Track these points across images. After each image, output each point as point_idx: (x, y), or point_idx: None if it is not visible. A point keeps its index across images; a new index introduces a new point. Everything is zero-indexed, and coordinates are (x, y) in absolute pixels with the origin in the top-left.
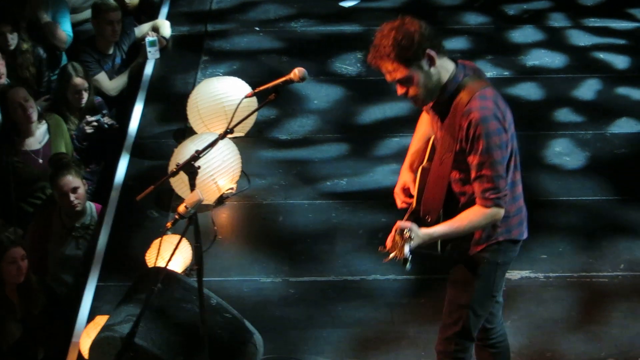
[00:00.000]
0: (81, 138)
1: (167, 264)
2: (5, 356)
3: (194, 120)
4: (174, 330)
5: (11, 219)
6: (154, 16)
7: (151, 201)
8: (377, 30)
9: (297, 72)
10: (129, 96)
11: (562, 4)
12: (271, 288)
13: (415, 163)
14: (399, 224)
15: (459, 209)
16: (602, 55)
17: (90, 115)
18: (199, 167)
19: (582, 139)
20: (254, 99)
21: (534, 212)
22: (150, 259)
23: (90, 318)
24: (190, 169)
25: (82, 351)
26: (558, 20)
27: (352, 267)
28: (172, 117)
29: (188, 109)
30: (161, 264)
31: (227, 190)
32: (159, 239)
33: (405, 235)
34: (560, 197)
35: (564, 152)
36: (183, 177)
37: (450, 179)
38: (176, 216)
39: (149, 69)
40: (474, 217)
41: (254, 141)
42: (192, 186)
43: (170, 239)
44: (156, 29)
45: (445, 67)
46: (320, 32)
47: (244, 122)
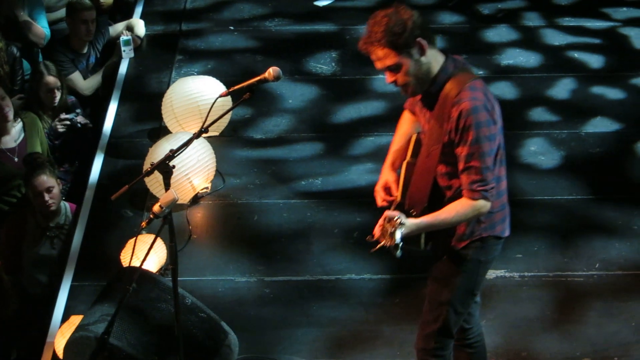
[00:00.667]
0: (53, 136)
1: (141, 264)
2: None
3: (168, 119)
4: (148, 330)
5: None
6: (129, 15)
7: (126, 200)
8: (370, 17)
9: (272, 71)
10: (103, 95)
11: (537, 3)
12: (246, 287)
13: (397, 161)
14: (387, 213)
15: (444, 203)
16: (576, 55)
17: (64, 113)
18: (173, 167)
19: (557, 139)
20: (228, 98)
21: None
22: (125, 258)
23: (65, 318)
24: (165, 168)
25: (56, 351)
26: (532, 20)
27: (327, 266)
28: (146, 116)
29: (163, 108)
30: (136, 263)
31: (202, 189)
32: (134, 238)
33: (396, 222)
34: (535, 196)
35: (539, 152)
36: (158, 176)
37: (436, 172)
38: (151, 215)
39: (123, 68)
40: (460, 208)
41: (228, 140)
42: (167, 185)
43: (145, 239)
44: (130, 28)
45: (436, 58)
46: (294, 32)
47: (219, 121)
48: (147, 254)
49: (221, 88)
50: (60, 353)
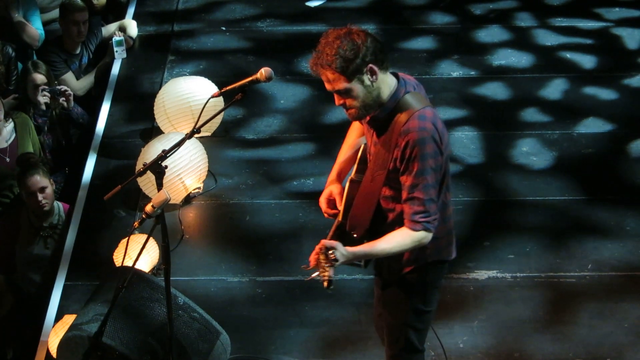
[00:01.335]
0: (38, 114)
1: (134, 263)
2: None
3: (160, 119)
4: (141, 330)
5: None
6: (121, 16)
7: (118, 200)
8: (322, 34)
9: (264, 71)
10: (96, 96)
11: (529, 3)
12: (238, 287)
13: (343, 173)
14: (323, 243)
15: (386, 225)
16: (568, 55)
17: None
18: (166, 167)
19: (549, 139)
20: (220, 98)
21: (502, 212)
22: (118, 258)
23: (59, 317)
24: (158, 168)
25: (50, 350)
26: (524, 20)
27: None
28: (139, 116)
29: (155, 108)
30: (128, 263)
31: (194, 189)
32: (126, 238)
33: (330, 257)
34: (527, 197)
35: (531, 152)
36: (150, 176)
37: (380, 195)
38: (143, 215)
39: (115, 68)
40: (400, 239)
41: (220, 141)
42: (159, 185)
43: (138, 239)
44: (123, 29)
45: (387, 83)
46: (286, 32)
47: (211, 121)
48: (139, 253)
49: (213, 88)
50: (53, 352)
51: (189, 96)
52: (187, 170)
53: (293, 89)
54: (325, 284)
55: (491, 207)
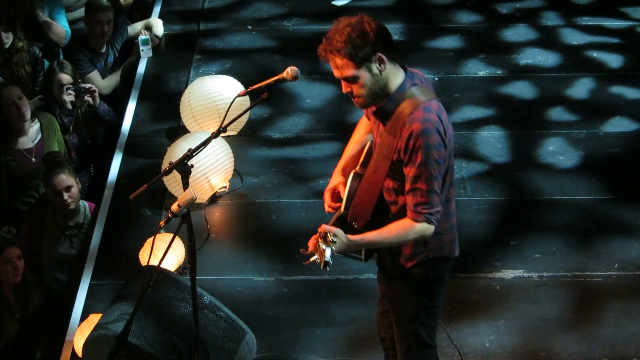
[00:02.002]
0: (64, 113)
1: (160, 263)
2: (1, 354)
3: (186, 118)
4: (167, 329)
5: (5, 217)
6: (147, 15)
7: (144, 200)
8: (333, 22)
9: (290, 70)
10: (121, 95)
11: (555, 2)
12: (264, 287)
13: (349, 168)
14: (323, 227)
15: (388, 218)
16: (595, 54)
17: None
18: (192, 166)
19: (576, 138)
20: (246, 97)
21: (528, 212)
22: (144, 257)
23: (84, 316)
24: (183, 167)
25: (75, 349)
26: (551, 19)
27: (345, 265)
28: (164, 115)
29: (181, 107)
30: (154, 262)
31: (220, 188)
32: (152, 237)
33: (328, 239)
34: (553, 196)
35: (557, 151)
36: (176, 175)
37: (384, 187)
38: (169, 215)
39: (141, 67)
40: (402, 230)
41: (246, 140)
42: (185, 185)
43: (163, 238)
44: (149, 28)
45: (395, 74)
46: (312, 31)
47: (237, 120)
48: (165, 252)
49: (239, 87)
50: (79, 351)
51: (215, 95)
52: (213, 170)
53: (319, 88)
54: (322, 266)
55: (517, 206)
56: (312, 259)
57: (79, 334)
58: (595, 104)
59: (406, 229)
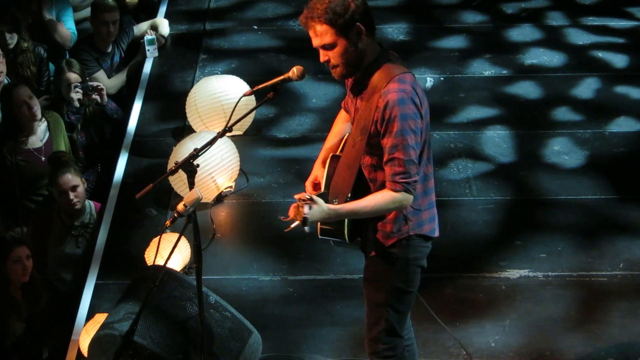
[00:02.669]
0: (71, 112)
1: (166, 262)
2: (8, 354)
3: (192, 118)
4: (172, 329)
5: (16, 217)
6: (153, 15)
7: (150, 199)
8: None
9: (296, 70)
10: (127, 94)
11: (560, 2)
12: (270, 286)
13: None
14: (301, 194)
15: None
16: (600, 54)
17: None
18: (197, 166)
19: (581, 138)
20: (252, 97)
21: (533, 212)
22: (149, 257)
23: (90, 316)
24: (189, 167)
25: (81, 349)
26: (556, 19)
27: (350, 265)
28: (170, 115)
29: (187, 107)
30: (160, 262)
31: (226, 188)
32: (158, 237)
33: (307, 199)
34: (559, 196)
35: (562, 151)
36: (182, 175)
37: (362, 164)
38: (175, 214)
39: (147, 67)
40: (381, 199)
41: (252, 139)
42: (191, 184)
43: (169, 237)
44: (155, 28)
45: (372, 47)
46: None
47: (243, 120)
48: (171, 252)
49: (245, 87)
50: (85, 351)
51: (220, 95)
52: (219, 169)
53: (325, 87)
54: (302, 224)
55: (523, 206)
56: (292, 225)
57: (85, 334)
58: (601, 104)
59: (385, 198)
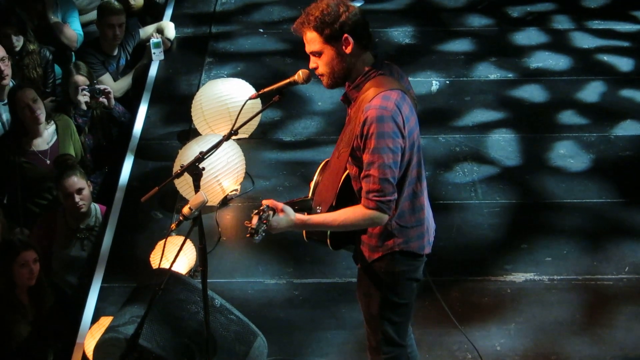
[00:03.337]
0: (78, 114)
1: (171, 265)
2: (14, 356)
3: (198, 121)
4: (178, 332)
5: (18, 219)
6: (159, 18)
7: (156, 202)
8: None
9: (302, 73)
10: (133, 97)
11: (566, 6)
12: (275, 290)
13: None
14: (263, 202)
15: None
16: (606, 58)
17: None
18: (203, 169)
19: (587, 141)
20: (258, 100)
21: (539, 215)
22: (155, 260)
23: (95, 319)
24: (195, 170)
25: (86, 352)
26: (562, 23)
27: (356, 268)
28: (176, 118)
29: (192, 110)
30: (165, 265)
31: (232, 191)
32: (163, 240)
33: (259, 208)
34: (564, 199)
35: (568, 155)
36: (187, 178)
37: (351, 175)
38: (180, 217)
39: (153, 70)
40: (352, 214)
41: (258, 143)
42: (197, 187)
43: (175, 240)
44: (160, 31)
45: (363, 60)
46: None
47: (248, 123)
48: (176, 255)
49: (251, 90)
50: (90, 354)
51: (226, 98)
52: (225, 172)
53: (330, 91)
54: (253, 234)
55: (528, 209)
56: (247, 234)
57: (90, 337)
58: (606, 107)
59: (356, 214)
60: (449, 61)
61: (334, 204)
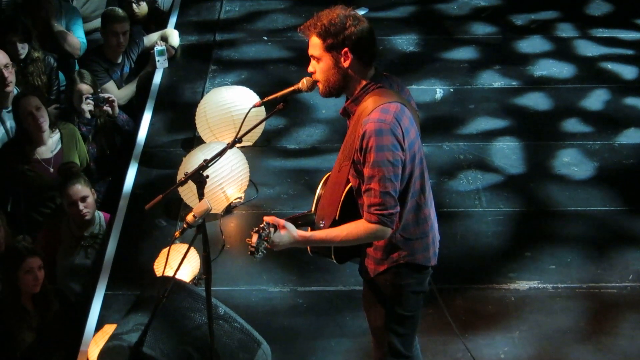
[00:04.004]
0: (82, 123)
1: (175, 273)
2: None
3: (202, 129)
4: (182, 340)
5: (21, 227)
6: (163, 25)
7: (160, 210)
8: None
9: (306, 81)
10: (137, 105)
11: (570, 14)
12: (279, 297)
13: None
14: (264, 218)
15: (358, 218)
16: (610, 66)
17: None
18: (207, 176)
19: (590, 149)
20: (262, 108)
21: (543, 223)
22: (159, 268)
23: (99, 327)
24: (199, 178)
25: None
26: (566, 31)
27: (359, 277)
28: (180, 126)
29: (196, 118)
30: (169, 273)
31: (235, 199)
32: (167, 248)
33: (259, 226)
34: (568, 207)
35: (572, 163)
36: (191, 186)
37: (354, 188)
38: (184, 225)
39: (157, 78)
40: (354, 229)
41: (262, 150)
42: (201, 195)
43: (179, 248)
44: (165, 38)
45: (362, 74)
46: None
47: (252, 131)
48: (180, 263)
49: (255, 98)
50: None
51: (230, 106)
52: (229, 180)
53: (334, 98)
54: (253, 253)
55: (532, 217)
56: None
57: (94, 345)
58: (610, 115)
59: (359, 228)
60: (453, 69)
61: (337, 217)
